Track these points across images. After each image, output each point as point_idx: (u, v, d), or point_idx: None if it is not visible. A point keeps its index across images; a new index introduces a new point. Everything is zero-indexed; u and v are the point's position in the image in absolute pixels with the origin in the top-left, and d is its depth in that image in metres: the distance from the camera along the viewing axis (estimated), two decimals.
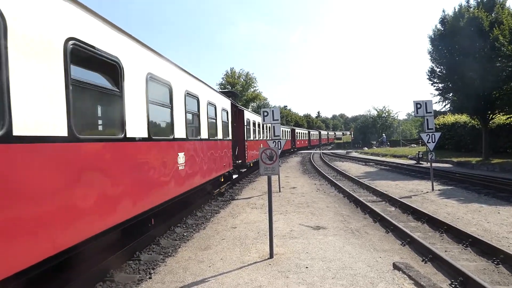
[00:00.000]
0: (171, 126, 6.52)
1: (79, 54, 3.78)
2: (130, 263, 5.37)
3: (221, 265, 5.10)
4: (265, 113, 11.43)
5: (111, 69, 4.49)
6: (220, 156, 10.49)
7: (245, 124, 15.50)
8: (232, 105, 13.26)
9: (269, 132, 11.96)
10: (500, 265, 4.98)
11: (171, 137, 6.51)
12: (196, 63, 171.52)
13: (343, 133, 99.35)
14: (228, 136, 11.96)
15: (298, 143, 44.31)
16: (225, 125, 11.34)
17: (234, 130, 13.34)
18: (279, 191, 11.92)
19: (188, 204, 8.52)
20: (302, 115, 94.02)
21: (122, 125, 4.65)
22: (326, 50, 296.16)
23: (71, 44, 3.62)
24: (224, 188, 12.14)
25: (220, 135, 10.50)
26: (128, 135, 4.75)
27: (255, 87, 58.48)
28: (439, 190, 11.60)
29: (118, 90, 4.59)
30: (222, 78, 57.20)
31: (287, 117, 72.37)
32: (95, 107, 4.81)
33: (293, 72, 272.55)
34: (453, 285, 4.36)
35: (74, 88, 3.64)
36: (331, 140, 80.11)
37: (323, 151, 45.05)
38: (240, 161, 14.65)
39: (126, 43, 4.92)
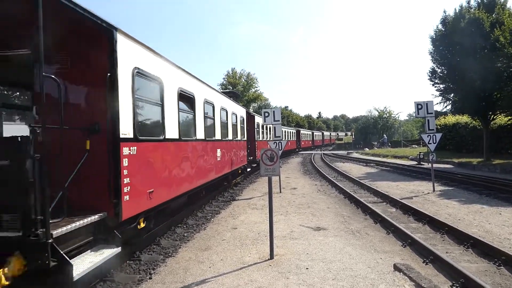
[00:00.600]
0: (213, 130, 9.71)
1: (184, 97, 7.33)
2: (131, 263, 5.37)
3: (222, 265, 5.09)
4: (266, 114, 11.41)
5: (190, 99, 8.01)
6: (239, 153, 13.62)
7: (256, 127, 18.27)
8: (246, 112, 15.93)
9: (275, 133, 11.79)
10: (502, 267, 4.96)
11: (214, 138, 9.74)
12: (196, 62, 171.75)
13: (345, 134, 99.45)
14: (244, 137, 14.83)
15: (302, 143, 47.90)
16: (242, 129, 14.36)
17: (247, 132, 16.00)
18: (280, 192, 11.91)
19: (220, 184, 11.75)
20: (303, 115, 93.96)
21: (194, 132, 8.07)
22: (328, 50, 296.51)
23: (179, 91, 7.03)
24: (239, 178, 15.15)
25: (239, 137, 13.62)
26: (198, 137, 8.23)
27: (256, 87, 58.50)
28: (440, 191, 11.58)
29: (212, 116, 9.64)
30: (223, 78, 57.21)
31: (288, 117, 72.30)
32: (191, 124, 7.92)
33: (294, 73, 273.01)
34: (454, 287, 4.34)
35: (180, 114, 7.00)
36: (333, 141, 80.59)
37: (324, 152, 45.02)
38: (251, 158, 16.88)
39: (196, 83, 8.41)
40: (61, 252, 3.37)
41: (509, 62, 15.98)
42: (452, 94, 20.82)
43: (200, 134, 8.35)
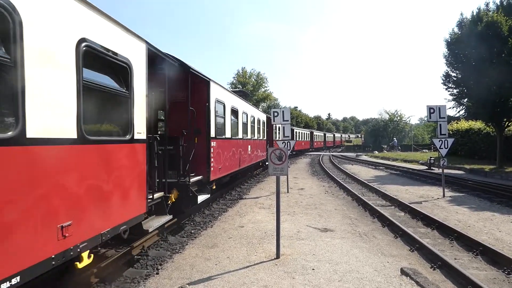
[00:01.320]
0: (245, 131, 12.74)
1: (233, 111, 10.79)
2: (138, 258, 5.46)
3: (228, 263, 5.14)
4: (275, 113, 11.42)
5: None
6: (261, 149, 16.71)
7: (274, 128, 21.73)
8: (267, 116, 18.54)
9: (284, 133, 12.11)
10: (511, 275, 4.88)
11: (246, 137, 12.83)
12: (207, 62, 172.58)
13: (356, 136, 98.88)
14: (264, 137, 17.92)
15: (315, 144, 52.74)
16: (263, 130, 17.43)
17: (267, 133, 19.17)
18: (287, 192, 11.92)
19: (248, 172, 15.61)
20: (312, 116, 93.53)
21: (237, 133, 11.45)
22: (338, 51, 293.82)
23: (231, 107, 10.57)
24: (259, 170, 18.63)
25: (261, 137, 16.80)
26: (240, 137, 11.80)
27: (266, 87, 58.45)
28: (450, 196, 11.41)
29: (246, 122, 12.83)
30: (233, 77, 57.34)
31: (297, 118, 72.09)
32: (236, 127, 11.28)
33: (304, 73, 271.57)
34: None
35: (232, 121, 10.57)
36: (342, 142, 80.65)
37: (332, 153, 44.76)
38: None
39: (239, 100, 11.92)
40: (193, 190, 7.10)
41: None
42: (466, 99, 20.45)
43: (240, 134, 11.93)
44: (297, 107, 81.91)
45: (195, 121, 7.52)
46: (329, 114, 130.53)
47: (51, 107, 3.05)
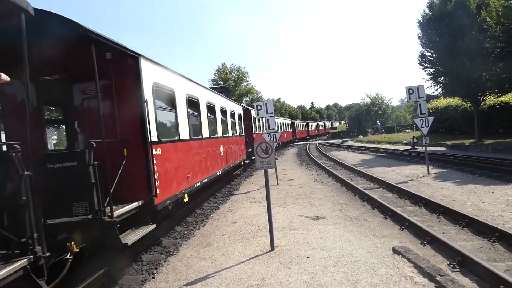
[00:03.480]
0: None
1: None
2: (133, 264, 5.40)
3: (223, 260, 5.15)
4: (259, 107, 11.41)
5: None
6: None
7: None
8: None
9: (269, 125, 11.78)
10: (496, 243, 5.09)
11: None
12: (187, 61, 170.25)
13: (339, 122, 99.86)
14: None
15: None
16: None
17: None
18: (277, 184, 11.99)
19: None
20: (296, 106, 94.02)
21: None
22: (317, 40, 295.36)
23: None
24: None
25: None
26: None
27: (248, 81, 58.33)
28: (434, 173, 11.75)
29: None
30: (214, 74, 56.85)
31: (281, 109, 72.36)
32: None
33: (285, 64, 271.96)
34: (451, 265, 4.46)
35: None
36: (327, 130, 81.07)
37: (318, 142, 45.22)
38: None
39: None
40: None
41: (496, 42, 16.12)
42: (442, 77, 21.01)
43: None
44: (280, 98, 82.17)
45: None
46: (312, 103, 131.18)
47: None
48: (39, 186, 3.45)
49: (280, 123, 33.15)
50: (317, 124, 73.89)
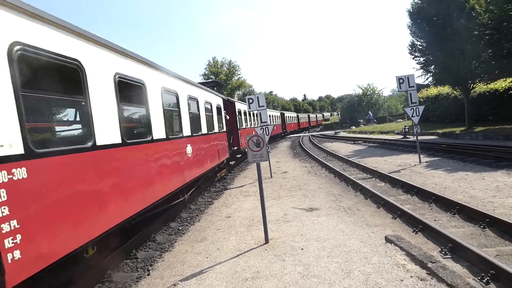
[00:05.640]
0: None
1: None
2: (128, 261, 5.38)
3: (218, 255, 5.15)
4: (250, 100, 11.33)
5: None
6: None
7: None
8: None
9: (261, 119, 11.50)
10: (487, 229, 5.18)
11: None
12: (181, 57, 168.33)
13: (331, 114, 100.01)
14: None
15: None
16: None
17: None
18: (271, 177, 12.01)
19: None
20: (288, 99, 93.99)
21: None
22: (310, 32, 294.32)
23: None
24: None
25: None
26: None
27: (239, 75, 57.86)
28: (426, 162, 11.88)
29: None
30: (205, 68, 56.26)
31: (273, 102, 72.28)
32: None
33: (277, 57, 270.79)
34: (443, 252, 4.53)
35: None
36: (319, 122, 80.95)
37: (312, 134, 45.36)
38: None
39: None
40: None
41: (485, 30, 16.23)
42: (433, 66, 21.13)
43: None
44: (272, 91, 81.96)
45: None
46: (304, 95, 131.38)
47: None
48: None
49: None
50: (309, 116, 71.52)
